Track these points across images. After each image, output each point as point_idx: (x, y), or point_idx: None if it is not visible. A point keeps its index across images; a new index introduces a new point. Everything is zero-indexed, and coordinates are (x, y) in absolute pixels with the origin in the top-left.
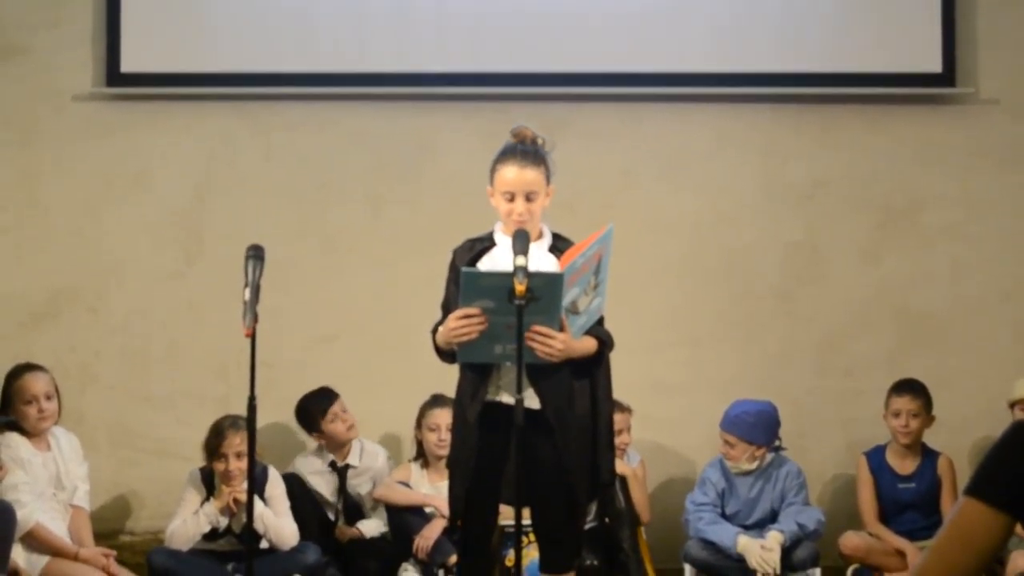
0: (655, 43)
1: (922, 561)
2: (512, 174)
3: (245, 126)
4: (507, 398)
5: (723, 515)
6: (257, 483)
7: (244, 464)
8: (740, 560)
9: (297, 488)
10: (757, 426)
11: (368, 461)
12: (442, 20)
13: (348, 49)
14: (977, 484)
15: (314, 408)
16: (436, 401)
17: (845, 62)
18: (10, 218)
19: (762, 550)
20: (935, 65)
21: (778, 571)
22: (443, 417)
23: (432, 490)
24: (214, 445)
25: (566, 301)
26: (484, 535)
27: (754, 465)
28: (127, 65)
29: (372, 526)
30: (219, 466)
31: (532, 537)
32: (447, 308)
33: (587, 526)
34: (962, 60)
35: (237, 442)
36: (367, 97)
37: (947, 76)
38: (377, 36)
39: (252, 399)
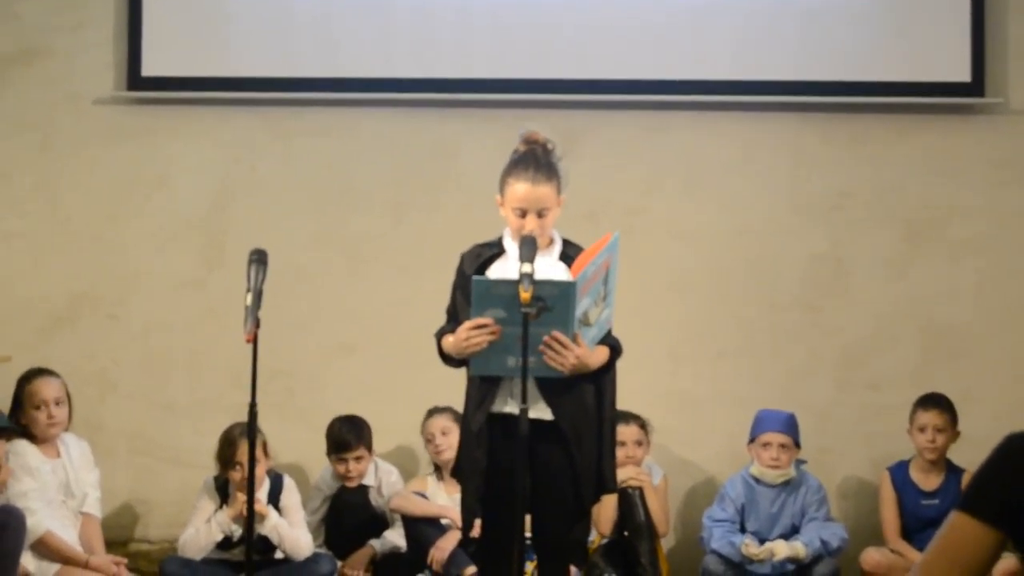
0: (679, 50)
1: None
2: (523, 190)
3: (266, 131)
4: (515, 409)
5: (743, 531)
6: (272, 492)
7: (261, 471)
8: (760, 575)
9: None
10: (798, 431)
11: (383, 479)
12: (465, 25)
13: (370, 54)
14: (968, 499)
15: (332, 442)
16: (430, 412)
17: (872, 71)
18: (30, 223)
19: (764, 545)
20: (964, 75)
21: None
22: (435, 425)
23: (449, 501)
24: (228, 455)
25: (579, 312)
26: (504, 546)
27: (791, 474)
28: (148, 69)
29: (384, 543)
30: (235, 475)
31: None
32: (453, 313)
33: (605, 540)
34: (991, 70)
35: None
36: (389, 103)
37: (976, 86)
38: (400, 41)
39: (253, 405)
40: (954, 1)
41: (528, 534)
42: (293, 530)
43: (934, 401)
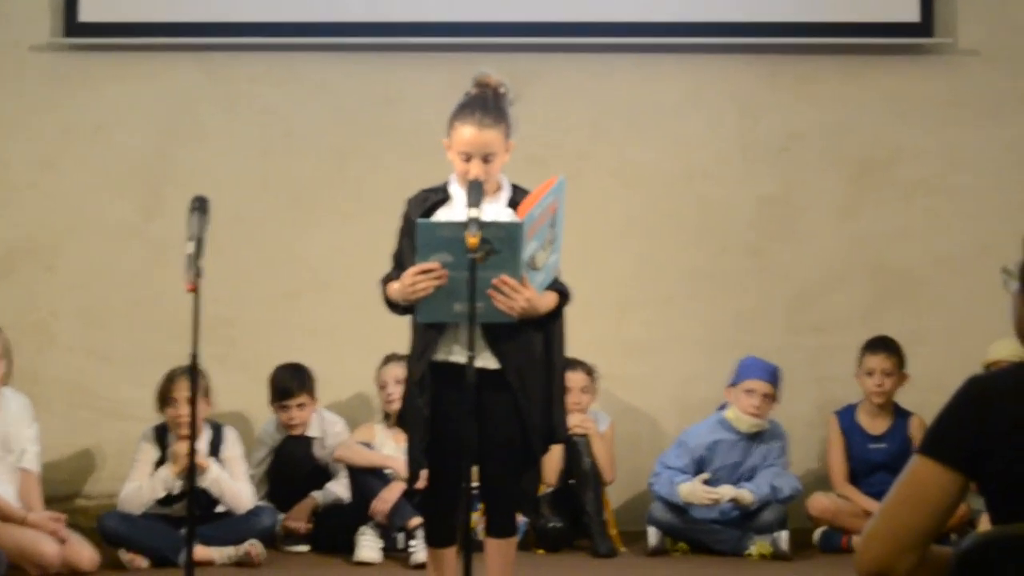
0: None
1: (872, 523)
2: (469, 134)
3: (207, 77)
4: (460, 358)
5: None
6: (213, 443)
7: (200, 418)
8: (706, 521)
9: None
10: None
11: (328, 429)
12: None
13: None
14: (930, 442)
15: (274, 390)
16: (386, 359)
17: (820, 11)
18: None
19: (704, 485)
20: (913, 15)
21: (721, 500)
22: (389, 373)
23: (396, 451)
24: (165, 390)
25: (526, 255)
26: (449, 496)
27: (765, 426)
28: (86, 14)
29: (327, 494)
30: (170, 412)
31: None
32: (399, 260)
33: (551, 488)
34: (940, 9)
35: (189, 387)
36: (332, 47)
37: (925, 26)
38: None
39: (194, 356)
40: None
41: (475, 483)
42: (234, 483)
43: (882, 344)
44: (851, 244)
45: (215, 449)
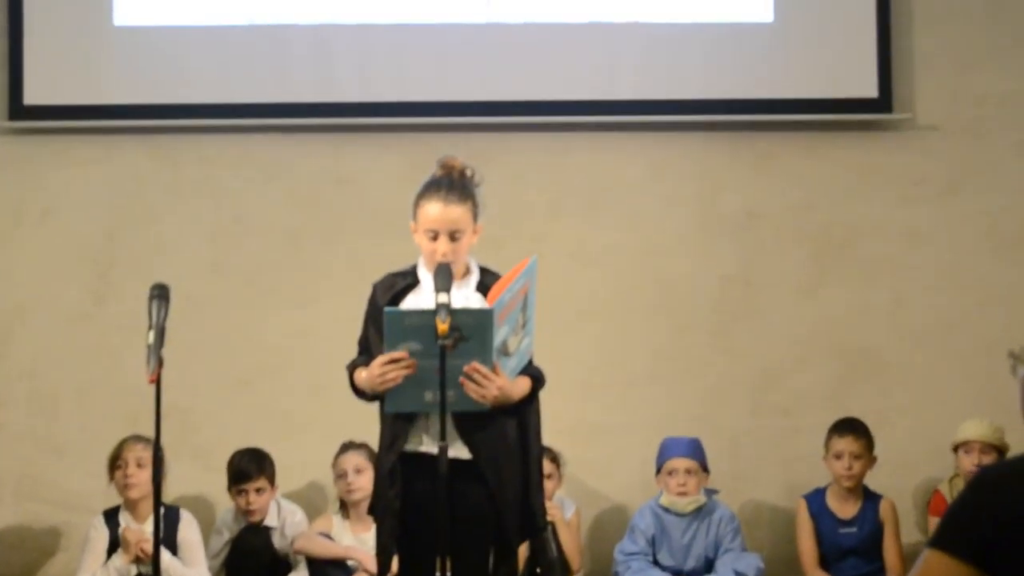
0: (582, 69)
1: None
2: (435, 211)
3: (155, 160)
4: (431, 448)
5: (655, 563)
6: (167, 527)
7: (145, 475)
8: None
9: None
10: (705, 455)
11: (288, 519)
12: (361, 48)
13: (264, 78)
14: (941, 535)
15: (232, 474)
16: (343, 447)
17: (779, 88)
18: None
19: None
20: (871, 90)
21: None
22: (348, 462)
23: (355, 541)
24: (115, 455)
25: (497, 341)
26: None
27: (701, 501)
28: (30, 97)
29: None
30: (119, 475)
31: None
32: (365, 345)
33: None
34: (899, 85)
35: (139, 448)
36: (284, 129)
37: (884, 101)
38: (295, 65)
39: (158, 449)
40: (860, 16)
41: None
42: (189, 570)
43: (850, 426)
44: (814, 323)
45: (170, 532)
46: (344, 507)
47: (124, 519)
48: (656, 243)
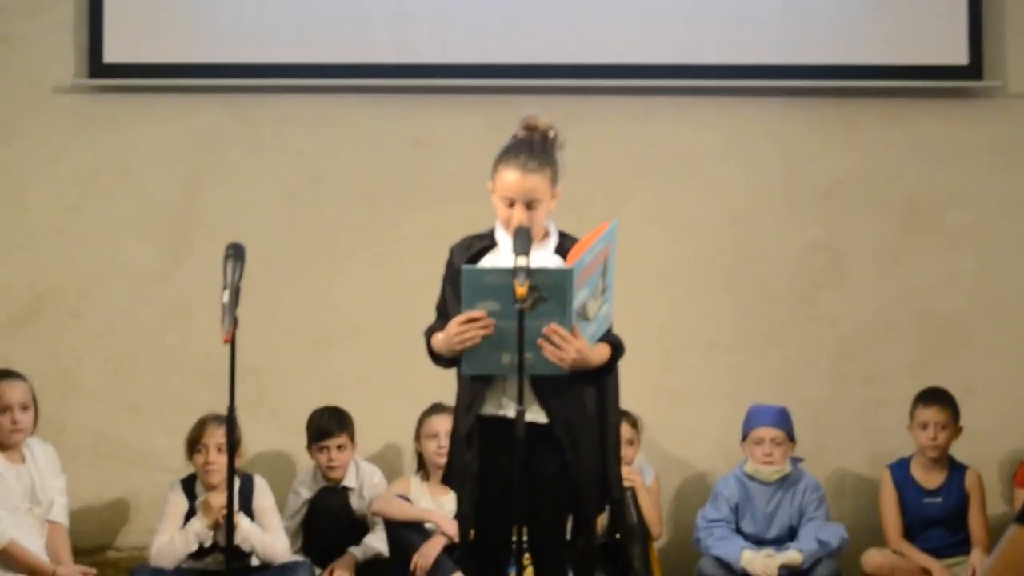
0: (664, 34)
1: None
2: (513, 179)
3: (235, 120)
4: (509, 411)
5: (738, 531)
6: (242, 494)
7: (224, 459)
8: None
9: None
10: (792, 425)
11: (366, 480)
12: (443, 9)
13: (344, 39)
14: None
15: (313, 431)
16: (434, 409)
17: (866, 54)
18: None
19: (766, 558)
20: (961, 57)
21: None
22: (441, 424)
23: (433, 504)
24: (194, 437)
25: (576, 304)
26: (495, 554)
27: (786, 470)
28: (111, 55)
29: (367, 549)
30: (198, 459)
31: None
32: (443, 310)
33: (597, 542)
34: (989, 52)
35: (219, 434)
36: (364, 89)
37: (974, 69)
38: (375, 26)
39: (232, 409)
40: None
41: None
42: (267, 534)
43: (935, 396)
44: (898, 292)
45: (246, 500)
46: (423, 469)
47: (200, 490)
48: (738, 209)
